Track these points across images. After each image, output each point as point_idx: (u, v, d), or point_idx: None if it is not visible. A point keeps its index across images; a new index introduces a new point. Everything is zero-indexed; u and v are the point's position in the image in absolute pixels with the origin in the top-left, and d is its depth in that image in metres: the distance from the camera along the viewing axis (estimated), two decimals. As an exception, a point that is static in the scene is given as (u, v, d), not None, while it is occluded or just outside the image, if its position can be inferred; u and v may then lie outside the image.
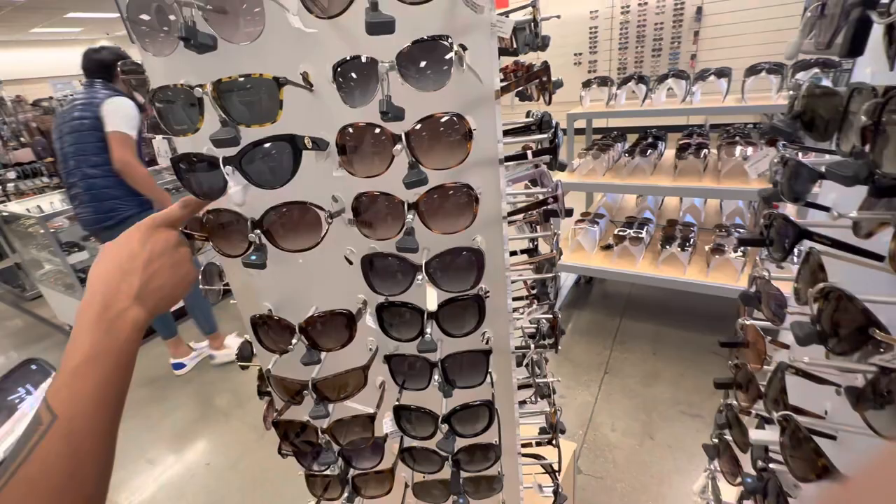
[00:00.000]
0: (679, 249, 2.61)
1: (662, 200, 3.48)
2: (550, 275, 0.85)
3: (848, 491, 0.25)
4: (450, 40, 0.50)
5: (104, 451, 0.47)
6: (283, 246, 0.61)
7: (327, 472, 0.89)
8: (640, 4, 6.67)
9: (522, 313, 0.86)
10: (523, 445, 0.97)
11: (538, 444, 1.02)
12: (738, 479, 0.83)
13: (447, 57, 0.50)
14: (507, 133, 0.69)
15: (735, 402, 0.81)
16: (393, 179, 0.56)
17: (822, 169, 0.52)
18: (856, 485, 0.25)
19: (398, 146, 0.53)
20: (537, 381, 0.94)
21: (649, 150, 2.84)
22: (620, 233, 2.80)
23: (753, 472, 0.70)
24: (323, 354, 0.72)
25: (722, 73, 2.59)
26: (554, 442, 1.02)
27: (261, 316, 0.73)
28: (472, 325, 0.68)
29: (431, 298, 0.62)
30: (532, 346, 0.89)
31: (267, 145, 0.54)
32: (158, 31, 0.54)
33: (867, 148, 0.42)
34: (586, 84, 3.02)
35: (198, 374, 3.19)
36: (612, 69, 7.17)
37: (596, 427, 2.42)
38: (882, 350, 0.44)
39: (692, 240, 2.66)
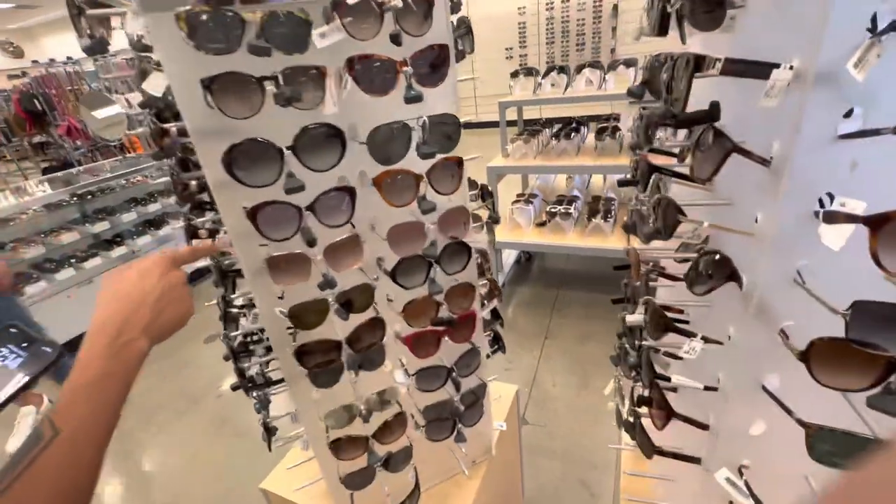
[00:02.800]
0: (602, 221, 2.93)
1: (589, 179, 3.83)
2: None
3: None
4: None
5: (100, 463, 0.52)
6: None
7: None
8: (562, 1, 7.11)
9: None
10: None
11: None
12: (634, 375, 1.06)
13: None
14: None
15: (625, 313, 1.03)
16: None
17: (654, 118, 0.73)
18: None
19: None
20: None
21: (573, 134, 3.15)
22: (552, 210, 3.08)
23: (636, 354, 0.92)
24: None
25: (629, 62, 2.93)
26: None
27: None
28: None
29: None
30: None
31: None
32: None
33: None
34: (514, 74, 3.27)
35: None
36: (541, 62, 7.58)
37: (539, 384, 2.68)
38: (693, 234, 0.65)
39: (613, 212, 2.99)
